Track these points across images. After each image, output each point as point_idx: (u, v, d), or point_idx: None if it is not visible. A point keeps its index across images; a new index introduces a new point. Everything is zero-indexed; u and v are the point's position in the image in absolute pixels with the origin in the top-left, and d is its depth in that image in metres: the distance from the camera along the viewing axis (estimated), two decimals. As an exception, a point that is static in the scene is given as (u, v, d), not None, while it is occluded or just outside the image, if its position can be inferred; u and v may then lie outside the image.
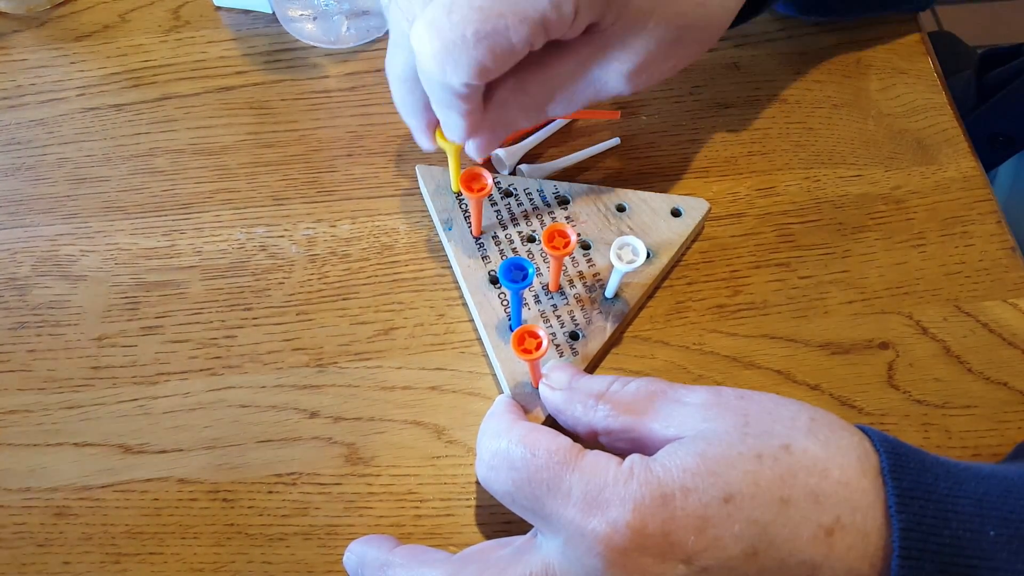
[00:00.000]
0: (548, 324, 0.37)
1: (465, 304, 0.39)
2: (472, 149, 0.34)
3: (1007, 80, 0.64)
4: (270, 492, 0.35)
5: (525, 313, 0.37)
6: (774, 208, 0.42)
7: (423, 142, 0.36)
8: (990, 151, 0.63)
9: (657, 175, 0.43)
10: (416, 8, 0.29)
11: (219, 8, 0.48)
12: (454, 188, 0.40)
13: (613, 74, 0.32)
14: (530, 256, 0.39)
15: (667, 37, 0.32)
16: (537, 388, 0.34)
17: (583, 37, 0.31)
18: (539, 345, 0.31)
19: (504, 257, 0.39)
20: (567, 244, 0.33)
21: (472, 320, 0.39)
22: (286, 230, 0.41)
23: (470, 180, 0.35)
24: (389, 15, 0.31)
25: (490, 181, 0.35)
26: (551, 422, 0.33)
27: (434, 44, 0.27)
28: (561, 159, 0.42)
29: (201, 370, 0.37)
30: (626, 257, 0.34)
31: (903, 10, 0.47)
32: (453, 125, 0.32)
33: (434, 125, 0.35)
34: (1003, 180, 0.65)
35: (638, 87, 0.33)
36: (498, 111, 0.32)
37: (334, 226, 0.41)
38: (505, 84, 0.32)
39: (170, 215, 0.41)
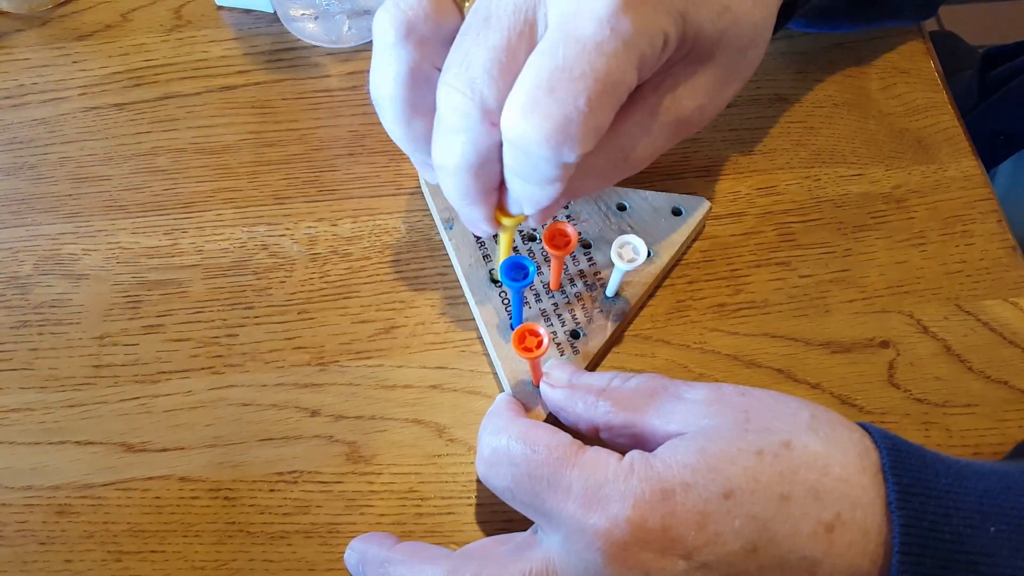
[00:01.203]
0: (549, 323, 0.37)
1: (466, 303, 0.39)
2: (537, 218, 0.31)
3: (1008, 78, 0.64)
4: (271, 490, 0.35)
5: (526, 312, 0.37)
6: (775, 207, 0.42)
7: (485, 229, 0.32)
8: (990, 150, 0.63)
9: (658, 174, 0.43)
10: (483, 88, 0.26)
11: (221, 8, 0.48)
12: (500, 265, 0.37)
13: (685, 111, 0.30)
14: (531, 255, 0.39)
15: (730, 63, 0.30)
16: (538, 386, 0.34)
17: (651, 83, 0.29)
18: (540, 343, 0.31)
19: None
20: (568, 243, 0.33)
21: (473, 319, 0.39)
22: (287, 229, 0.41)
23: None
24: (440, 99, 0.27)
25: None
26: (552, 420, 0.33)
27: (545, 126, 0.25)
28: (562, 158, 0.42)
29: (202, 368, 0.38)
30: (627, 256, 0.34)
31: (905, 23, 0.47)
32: (545, 196, 0.29)
33: (496, 207, 0.31)
34: (1003, 179, 0.65)
35: (703, 123, 0.32)
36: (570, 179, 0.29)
37: (335, 225, 0.41)
38: None
39: (172, 214, 0.41)
